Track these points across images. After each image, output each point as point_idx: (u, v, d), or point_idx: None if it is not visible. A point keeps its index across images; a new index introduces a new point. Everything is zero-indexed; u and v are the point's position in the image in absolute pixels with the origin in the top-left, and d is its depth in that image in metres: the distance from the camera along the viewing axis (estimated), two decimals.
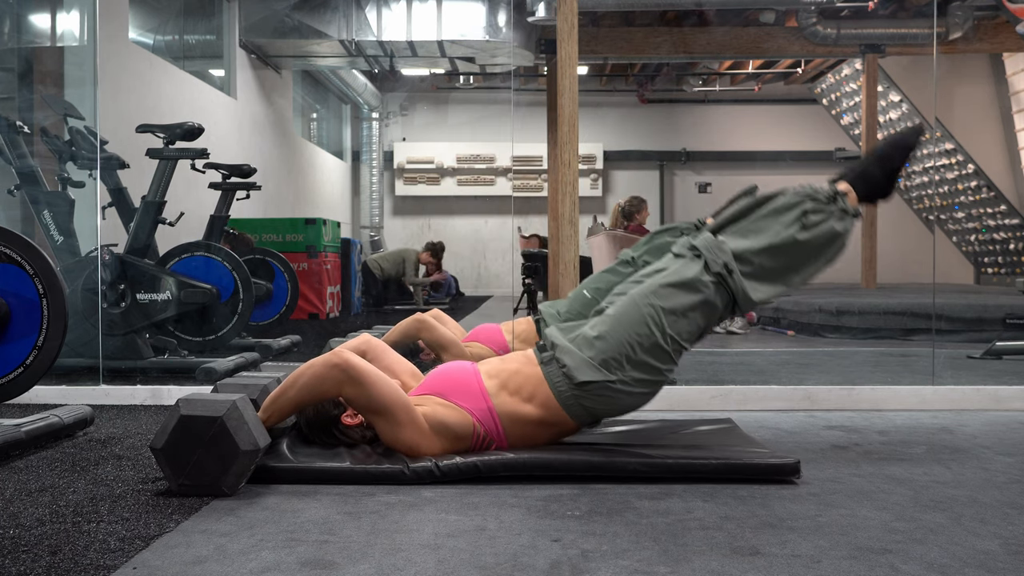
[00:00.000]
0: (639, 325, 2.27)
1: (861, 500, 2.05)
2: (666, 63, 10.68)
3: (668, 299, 2.28)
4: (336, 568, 1.60)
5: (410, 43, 8.51)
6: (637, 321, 2.27)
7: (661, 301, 2.28)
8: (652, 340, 2.26)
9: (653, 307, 2.28)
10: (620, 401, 2.29)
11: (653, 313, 2.27)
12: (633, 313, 2.29)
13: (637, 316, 2.28)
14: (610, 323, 2.30)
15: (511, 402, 2.29)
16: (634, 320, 2.28)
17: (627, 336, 2.26)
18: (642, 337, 2.26)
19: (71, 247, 4.28)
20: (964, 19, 8.28)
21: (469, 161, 11.79)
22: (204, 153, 4.44)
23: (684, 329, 2.28)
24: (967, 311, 5.85)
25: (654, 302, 2.28)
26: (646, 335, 2.26)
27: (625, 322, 2.28)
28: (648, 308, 2.28)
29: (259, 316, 5.39)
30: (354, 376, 2.18)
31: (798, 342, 5.86)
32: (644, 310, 2.28)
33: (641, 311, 2.28)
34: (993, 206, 10.33)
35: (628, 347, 2.26)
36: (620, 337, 2.27)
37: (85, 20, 5.76)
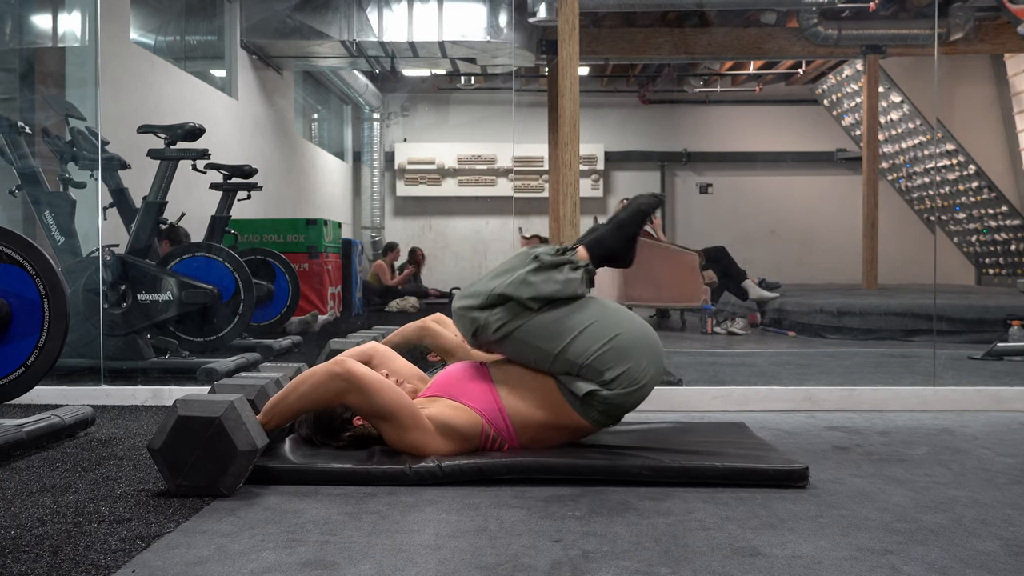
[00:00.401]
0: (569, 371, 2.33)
1: (862, 501, 2.05)
2: (667, 64, 10.67)
3: (542, 355, 2.33)
4: (337, 568, 1.60)
5: (411, 44, 8.51)
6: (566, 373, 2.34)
7: (554, 364, 2.34)
8: (564, 362, 2.30)
9: (560, 369, 2.34)
10: (623, 401, 2.30)
11: (564, 370, 2.34)
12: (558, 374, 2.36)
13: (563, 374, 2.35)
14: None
15: (525, 408, 2.30)
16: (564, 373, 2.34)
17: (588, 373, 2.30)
18: (562, 362, 2.31)
19: (72, 247, 4.28)
20: (965, 20, 8.27)
21: (470, 162, 11.79)
22: (205, 154, 4.44)
23: (574, 351, 2.29)
24: (968, 312, 5.85)
25: (556, 365, 2.34)
26: (559, 361, 2.31)
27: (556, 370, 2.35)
28: (557, 372, 2.35)
29: (260, 317, 5.39)
30: (357, 384, 2.18)
31: (799, 343, 5.86)
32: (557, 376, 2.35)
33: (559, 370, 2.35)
34: (994, 207, 10.32)
35: (599, 374, 2.28)
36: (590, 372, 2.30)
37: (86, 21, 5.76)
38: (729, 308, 7.15)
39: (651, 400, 3.29)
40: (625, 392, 2.28)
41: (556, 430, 2.33)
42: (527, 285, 2.29)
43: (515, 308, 2.29)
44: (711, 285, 6.66)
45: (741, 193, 11.65)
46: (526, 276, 2.29)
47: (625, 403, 2.30)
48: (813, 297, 6.70)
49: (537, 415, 2.30)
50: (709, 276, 6.62)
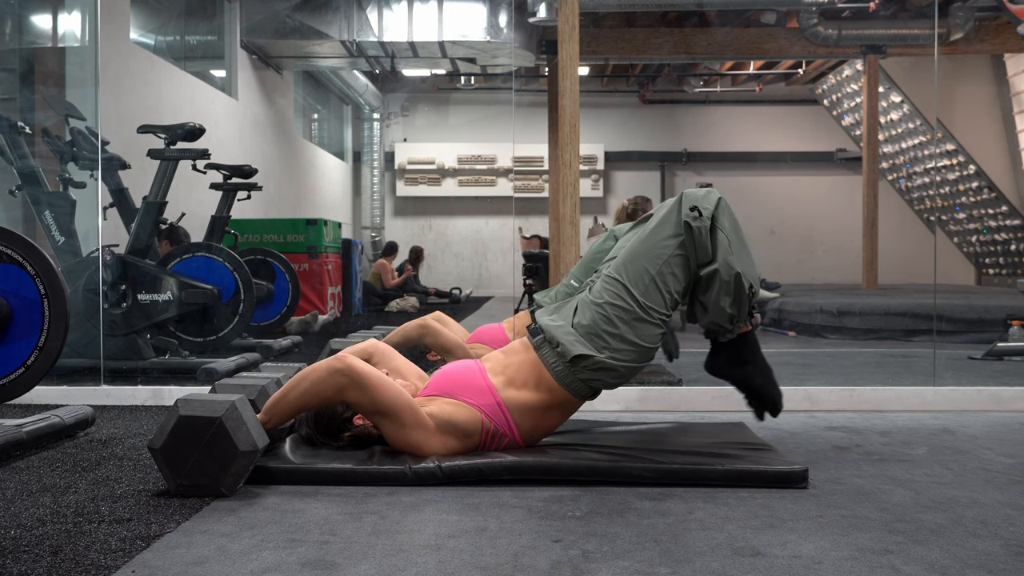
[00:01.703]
0: (615, 300, 2.31)
1: (862, 501, 2.05)
2: (667, 64, 10.67)
3: (636, 269, 2.33)
4: (337, 568, 1.60)
5: (411, 44, 8.51)
6: (613, 296, 2.32)
7: (630, 273, 2.32)
8: (631, 314, 2.30)
9: (623, 280, 2.32)
10: (614, 372, 2.31)
11: (624, 287, 2.32)
12: (609, 288, 2.33)
13: (611, 292, 2.32)
14: (589, 301, 2.35)
15: (519, 394, 2.32)
16: (610, 295, 2.32)
17: (605, 312, 2.31)
18: (620, 311, 2.30)
19: (72, 248, 4.28)
20: (965, 20, 8.27)
21: (470, 162, 11.79)
22: (205, 154, 4.44)
23: (655, 296, 2.31)
24: (968, 312, 5.85)
25: (624, 275, 2.33)
26: (624, 308, 2.30)
27: (602, 299, 2.33)
28: (618, 283, 2.33)
29: (260, 316, 5.39)
30: (357, 380, 2.18)
31: (799, 343, 5.86)
32: (615, 285, 2.33)
33: (614, 286, 2.33)
34: (994, 207, 10.32)
35: (608, 323, 2.30)
36: (600, 313, 2.31)
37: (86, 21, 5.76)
38: None
39: (651, 400, 3.32)
40: (631, 364, 2.30)
41: (550, 410, 2.34)
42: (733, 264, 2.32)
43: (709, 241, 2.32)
44: None
45: (741, 193, 11.64)
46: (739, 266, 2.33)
47: (607, 375, 2.31)
48: (813, 297, 6.70)
49: (531, 397, 2.32)
50: None
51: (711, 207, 2.32)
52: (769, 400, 2.43)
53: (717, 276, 2.30)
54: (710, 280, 2.32)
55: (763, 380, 2.42)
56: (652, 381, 3.52)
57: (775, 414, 2.45)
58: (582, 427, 2.71)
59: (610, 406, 3.29)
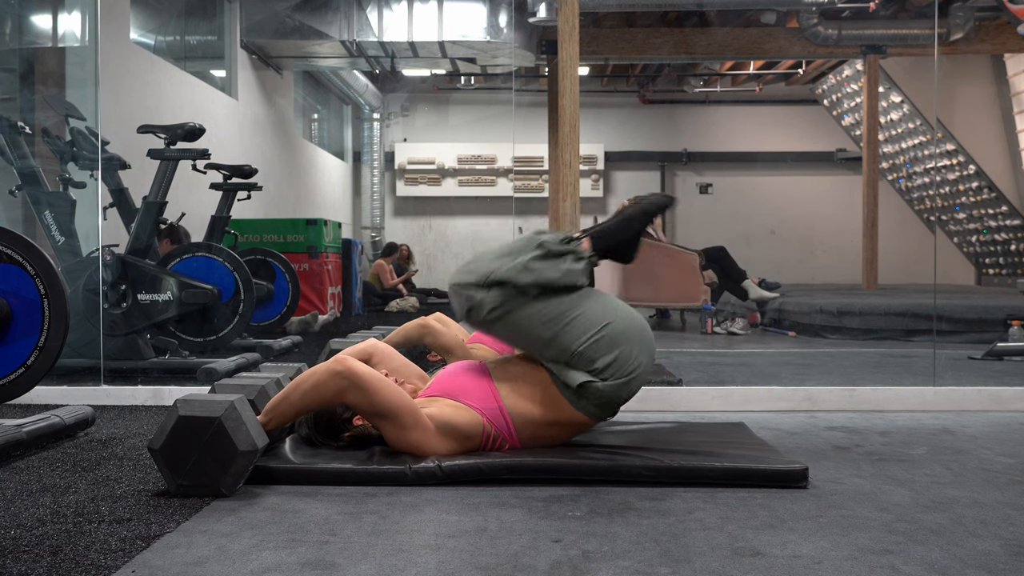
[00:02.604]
0: (553, 367, 2.35)
1: (862, 501, 2.05)
2: (667, 64, 10.68)
3: (537, 347, 2.36)
4: (337, 568, 1.60)
5: (411, 44, 8.51)
6: (552, 366, 2.35)
7: (543, 353, 2.36)
8: (564, 360, 2.31)
9: (544, 363, 2.37)
10: (616, 392, 2.30)
11: (544, 363, 2.37)
12: (547, 367, 2.37)
13: (550, 366, 2.36)
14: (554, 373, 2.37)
15: (523, 404, 2.31)
16: (553, 367, 2.35)
17: (561, 372, 2.32)
18: (561, 366, 2.32)
19: (72, 247, 4.28)
20: (965, 20, 8.28)
21: (470, 162, 11.79)
22: (205, 154, 4.44)
23: (568, 338, 2.29)
24: (968, 312, 5.85)
25: (544, 357, 2.37)
26: (559, 361, 2.32)
27: (552, 370, 2.36)
28: (545, 365, 2.37)
29: (260, 317, 5.39)
30: (357, 383, 2.18)
31: (799, 343, 5.86)
32: (548, 366, 2.36)
33: (547, 366, 2.37)
34: (994, 207, 10.33)
35: (591, 361, 2.28)
36: (561, 372, 2.32)
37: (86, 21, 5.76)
38: (729, 308, 7.16)
39: (651, 400, 3.31)
40: (618, 383, 2.28)
41: (555, 426, 2.33)
42: (528, 271, 2.28)
43: (512, 292, 2.28)
44: (711, 285, 6.65)
45: (741, 193, 11.65)
46: (528, 262, 2.29)
47: (619, 395, 2.30)
48: (813, 297, 6.70)
49: (537, 412, 2.30)
50: (709, 276, 6.62)
51: (477, 292, 2.30)
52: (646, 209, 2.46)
53: (530, 284, 2.28)
54: (538, 287, 2.29)
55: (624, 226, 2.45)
56: (652, 381, 3.52)
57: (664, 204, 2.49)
58: None
59: None
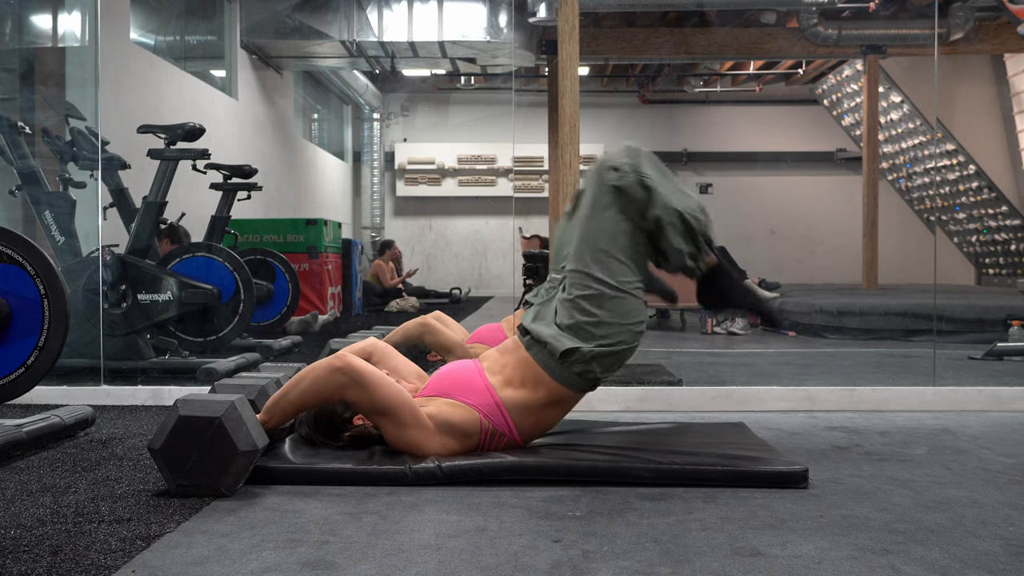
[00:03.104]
0: (585, 290, 2.31)
1: (862, 501, 2.05)
2: (667, 64, 10.68)
3: (592, 252, 2.32)
4: (337, 568, 1.60)
5: (411, 44, 8.51)
6: (581, 287, 2.31)
7: (589, 258, 2.32)
8: (603, 296, 2.29)
9: (584, 269, 2.32)
10: (608, 359, 2.31)
11: (587, 274, 2.31)
12: (576, 282, 2.33)
13: (579, 284, 2.32)
14: (563, 300, 2.36)
15: (516, 393, 2.32)
16: (578, 288, 2.32)
17: (579, 305, 2.30)
18: (593, 300, 2.29)
19: (72, 248, 4.28)
20: (965, 20, 8.28)
21: (470, 162, 11.79)
22: (205, 154, 4.44)
23: (618, 269, 2.30)
24: (968, 312, 5.85)
25: (583, 263, 2.32)
26: (594, 293, 2.30)
27: (572, 294, 2.33)
28: (581, 274, 2.32)
29: (260, 317, 5.39)
30: (357, 379, 2.19)
31: (799, 343, 5.86)
32: (580, 277, 2.32)
33: (579, 278, 2.33)
34: (994, 207, 10.33)
35: (585, 314, 2.29)
36: (575, 307, 2.31)
37: (86, 21, 5.76)
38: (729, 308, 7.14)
39: (651, 400, 3.32)
40: (600, 350, 2.29)
41: (548, 407, 2.34)
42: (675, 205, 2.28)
43: (645, 200, 2.28)
44: None
45: (741, 193, 11.65)
46: (683, 203, 2.30)
47: (600, 364, 2.31)
48: (813, 297, 6.69)
49: (528, 396, 2.32)
50: None
51: (630, 160, 2.32)
52: (766, 313, 2.46)
53: (661, 222, 2.29)
54: (658, 227, 2.30)
55: (752, 300, 2.45)
56: (652, 381, 3.52)
57: (776, 325, 2.48)
58: (582, 427, 2.71)
59: (610, 406, 3.29)
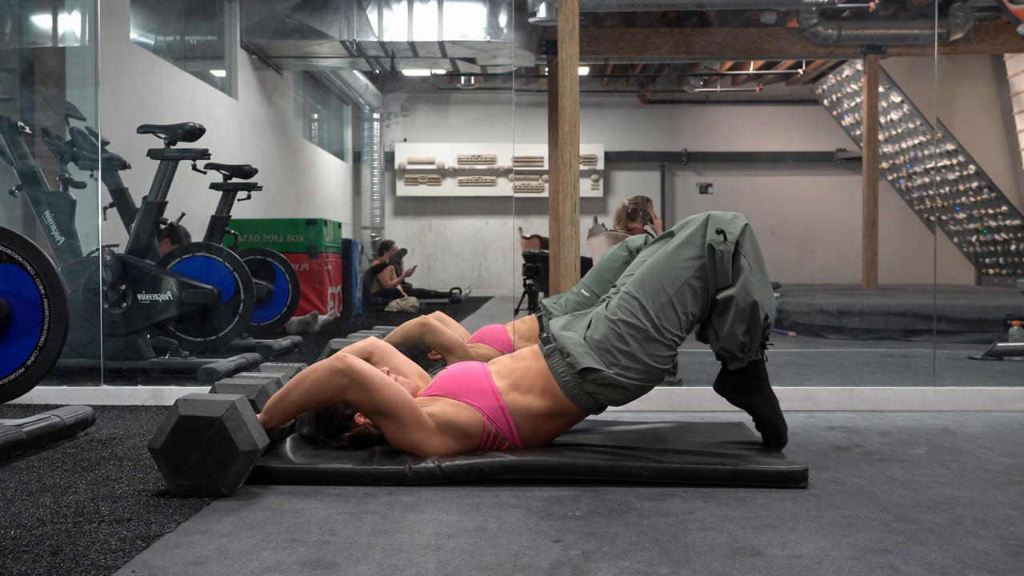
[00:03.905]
0: (629, 317, 2.30)
1: (862, 501, 2.05)
2: (667, 64, 10.68)
3: (654, 287, 2.30)
4: (337, 568, 1.60)
5: (411, 44, 8.51)
6: (627, 313, 2.30)
7: (648, 291, 2.31)
8: (644, 333, 2.28)
9: (640, 298, 2.31)
10: (622, 390, 2.31)
11: (640, 305, 2.30)
12: (624, 306, 2.32)
13: (627, 309, 2.31)
14: (604, 316, 2.34)
15: (523, 399, 2.32)
16: (625, 312, 2.31)
17: (618, 329, 2.29)
18: (633, 330, 2.28)
19: (72, 247, 4.28)
20: (965, 20, 8.28)
21: (470, 162, 11.79)
22: (205, 154, 4.44)
23: (670, 316, 2.29)
24: (968, 312, 5.85)
25: (641, 293, 2.31)
26: (638, 326, 2.28)
27: (616, 315, 2.32)
28: (634, 301, 2.31)
29: (260, 317, 5.39)
30: (358, 380, 2.18)
31: (799, 343, 5.86)
32: (631, 303, 2.31)
33: (630, 304, 2.31)
34: (994, 207, 10.33)
35: (620, 339, 2.29)
36: (613, 330, 2.30)
37: (86, 21, 5.76)
38: None
39: (651, 400, 3.31)
40: (620, 379, 2.28)
41: (553, 418, 2.34)
42: (754, 285, 2.30)
43: (725, 265, 2.29)
44: None
45: (741, 193, 11.64)
46: (762, 287, 2.31)
47: (614, 392, 2.31)
48: (813, 297, 6.70)
49: (535, 404, 2.31)
50: None
51: (736, 232, 2.30)
52: (774, 432, 2.42)
53: (733, 302, 2.28)
54: (726, 305, 2.29)
55: (769, 411, 2.41)
56: None
57: (779, 447, 2.44)
58: (582, 427, 2.71)
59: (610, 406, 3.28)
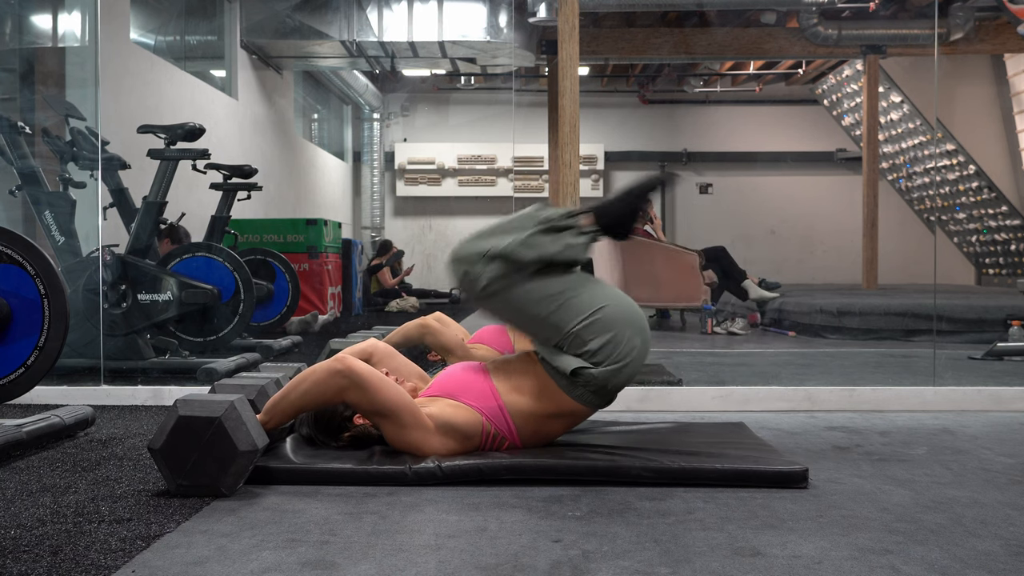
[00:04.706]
0: (550, 352, 2.33)
1: (862, 501, 2.05)
2: (667, 64, 10.68)
3: (533, 328, 2.35)
4: (337, 568, 1.60)
5: (411, 44, 8.51)
6: (550, 354, 2.33)
7: (537, 333, 2.36)
8: (568, 337, 2.29)
9: (539, 342, 2.36)
10: (613, 378, 2.30)
11: (544, 341, 2.35)
12: (542, 359, 2.36)
13: (546, 351, 2.35)
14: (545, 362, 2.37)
15: (522, 400, 2.31)
16: (548, 353, 2.34)
17: (564, 352, 2.31)
18: (569, 342, 2.29)
19: (72, 248, 4.28)
20: (965, 20, 8.28)
21: (470, 162, 11.79)
22: (205, 154, 4.44)
23: (562, 318, 2.29)
24: (968, 312, 5.85)
25: (537, 340, 2.37)
26: (561, 343, 2.30)
27: (547, 359, 2.34)
28: (541, 348, 2.36)
29: (260, 317, 5.39)
30: (357, 381, 2.19)
31: (799, 343, 5.86)
32: (543, 350, 2.35)
33: (542, 350, 2.36)
34: (994, 207, 10.33)
35: (579, 349, 2.29)
36: (561, 362, 2.31)
37: (86, 21, 5.76)
38: (729, 308, 7.16)
39: (651, 400, 3.31)
40: (611, 369, 2.28)
41: (554, 419, 2.34)
42: (528, 246, 2.26)
43: (511, 266, 2.26)
44: (711, 285, 6.65)
45: (741, 193, 11.65)
46: (529, 237, 2.27)
47: (613, 380, 2.30)
48: (813, 297, 6.70)
49: (535, 405, 2.31)
50: (709, 276, 6.62)
51: (470, 267, 2.28)
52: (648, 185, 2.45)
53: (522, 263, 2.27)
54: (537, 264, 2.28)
55: (635, 202, 2.42)
56: (652, 381, 3.52)
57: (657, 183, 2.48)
58: (582, 427, 2.71)
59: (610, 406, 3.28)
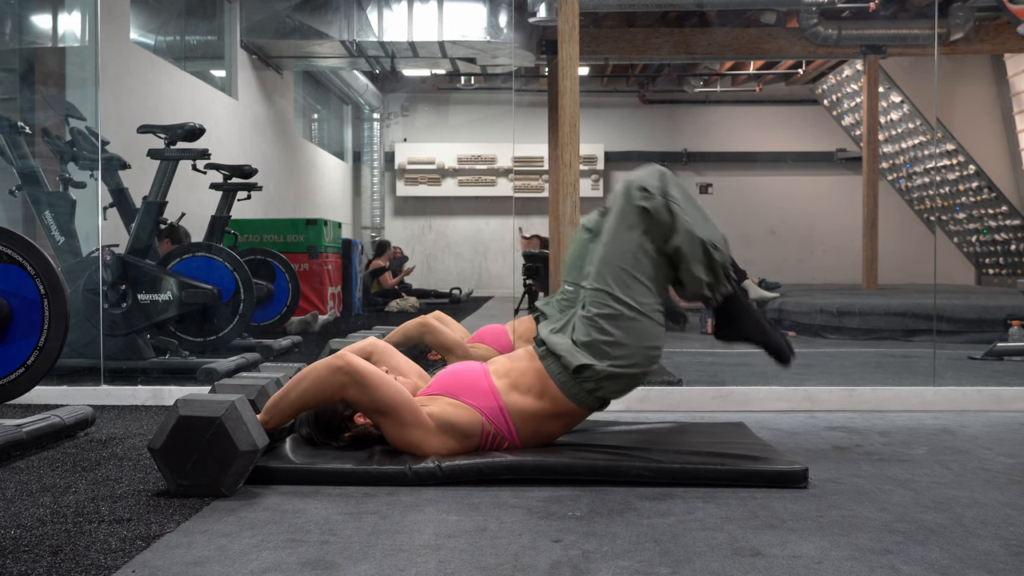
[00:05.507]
0: (603, 309, 2.30)
1: (862, 501, 2.05)
2: (667, 64, 10.68)
3: (613, 271, 2.30)
4: (337, 568, 1.60)
5: (411, 44, 8.51)
6: (600, 306, 2.30)
7: (609, 277, 2.31)
8: (622, 317, 2.28)
9: (605, 288, 2.30)
10: (619, 379, 2.31)
11: (607, 293, 2.30)
12: (595, 300, 2.32)
13: (598, 302, 2.31)
14: (582, 317, 2.35)
15: (522, 400, 2.31)
16: (597, 307, 2.30)
17: (597, 324, 2.29)
18: (611, 319, 2.28)
19: (72, 248, 4.28)
20: (965, 20, 8.28)
21: (470, 162, 11.80)
22: (205, 154, 4.44)
23: (639, 290, 2.29)
24: (968, 312, 5.85)
25: (603, 282, 2.31)
26: (613, 313, 2.28)
27: (591, 312, 2.32)
28: (601, 292, 2.31)
29: (260, 317, 5.39)
30: (358, 379, 2.19)
31: (799, 343, 5.82)
32: (599, 295, 2.31)
33: (599, 296, 2.31)
34: (994, 207, 10.33)
35: (602, 332, 2.28)
36: (593, 326, 2.30)
37: (86, 21, 5.76)
38: None
39: (651, 400, 3.32)
40: (614, 370, 2.28)
41: (554, 419, 2.34)
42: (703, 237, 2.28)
43: (679, 221, 2.27)
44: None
45: (741, 193, 11.65)
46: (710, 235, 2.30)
47: (613, 384, 2.31)
48: (813, 297, 6.69)
49: (534, 405, 2.31)
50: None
51: (656, 183, 2.31)
52: (775, 348, 2.44)
53: (682, 250, 2.29)
54: (677, 254, 2.30)
55: (762, 335, 2.43)
56: (652, 381, 3.51)
57: (787, 361, 2.45)
58: (582, 427, 2.71)
59: (610, 406, 3.28)
